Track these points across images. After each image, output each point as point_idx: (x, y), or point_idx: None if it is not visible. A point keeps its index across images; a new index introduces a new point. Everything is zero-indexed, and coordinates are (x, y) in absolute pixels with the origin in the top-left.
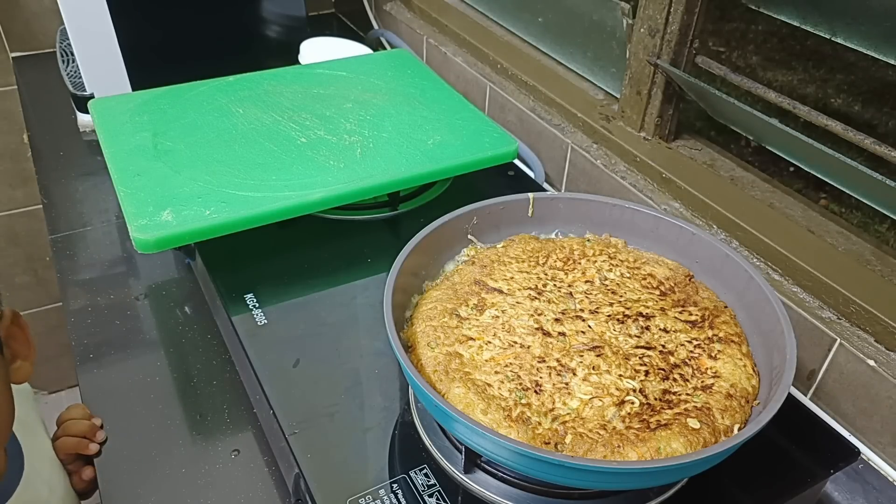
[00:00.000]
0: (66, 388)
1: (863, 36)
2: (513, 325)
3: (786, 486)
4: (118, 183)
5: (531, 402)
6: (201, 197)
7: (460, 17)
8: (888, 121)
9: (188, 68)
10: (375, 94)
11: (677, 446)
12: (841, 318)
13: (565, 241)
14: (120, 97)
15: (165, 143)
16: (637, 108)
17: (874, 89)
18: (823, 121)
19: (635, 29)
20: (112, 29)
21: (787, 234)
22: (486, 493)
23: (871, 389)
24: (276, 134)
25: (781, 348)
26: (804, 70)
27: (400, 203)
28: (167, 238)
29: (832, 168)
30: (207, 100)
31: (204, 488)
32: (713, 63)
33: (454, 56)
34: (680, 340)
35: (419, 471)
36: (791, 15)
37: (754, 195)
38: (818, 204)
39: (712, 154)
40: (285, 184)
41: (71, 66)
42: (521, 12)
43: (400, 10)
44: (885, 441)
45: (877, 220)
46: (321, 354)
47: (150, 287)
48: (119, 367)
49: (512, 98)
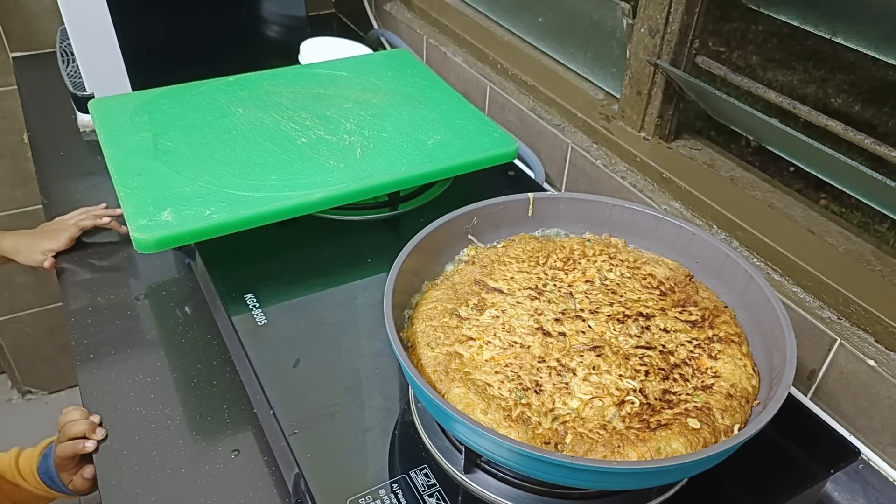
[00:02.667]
0: (66, 388)
1: (863, 36)
2: (513, 325)
3: (786, 486)
4: (118, 183)
5: (531, 402)
6: (201, 197)
7: (460, 17)
8: (888, 121)
9: (188, 68)
10: (375, 94)
11: (677, 446)
12: (841, 318)
13: (565, 241)
14: (120, 97)
15: (165, 143)
16: (637, 108)
17: (874, 89)
18: (823, 121)
19: (635, 29)
20: (112, 29)
21: (787, 234)
22: (487, 493)
23: (872, 389)
24: (277, 134)
25: (781, 348)
26: (804, 70)
27: (400, 203)
28: (167, 238)
29: (832, 168)
30: (207, 100)
31: (204, 488)
32: (713, 63)
33: (454, 56)
34: (680, 340)
35: (419, 471)
36: (791, 15)
37: (754, 195)
38: (818, 204)
39: (712, 154)
40: (285, 184)
41: (71, 66)
42: (521, 12)
43: (400, 10)
44: (885, 441)
45: (877, 220)
46: (321, 354)
47: (150, 287)
48: (119, 367)
49: (512, 98)
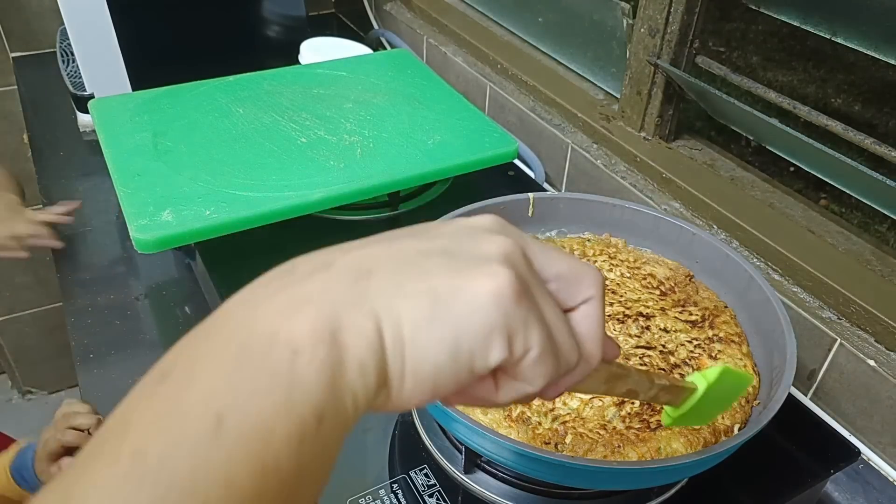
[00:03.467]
0: (66, 388)
1: (863, 36)
2: None
3: (786, 486)
4: (118, 183)
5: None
6: (201, 197)
7: (460, 17)
8: (888, 121)
9: (188, 68)
10: (375, 94)
11: (678, 446)
12: (841, 318)
13: (565, 241)
14: (120, 97)
15: (165, 143)
16: (637, 108)
17: (874, 89)
18: (824, 121)
19: (635, 29)
20: (112, 29)
21: (787, 235)
22: (487, 493)
23: (872, 389)
24: (277, 134)
25: (782, 348)
26: (804, 70)
27: (400, 203)
28: (167, 238)
29: (832, 168)
30: (208, 100)
31: None
32: (713, 63)
33: (454, 56)
34: (680, 340)
35: (419, 471)
36: (791, 15)
37: (754, 195)
38: (818, 204)
39: (712, 154)
40: (285, 184)
41: (71, 66)
42: (521, 12)
43: (400, 10)
44: (885, 441)
45: (877, 220)
46: None
47: (150, 287)
48: (119, 367)
49: (512, 98)
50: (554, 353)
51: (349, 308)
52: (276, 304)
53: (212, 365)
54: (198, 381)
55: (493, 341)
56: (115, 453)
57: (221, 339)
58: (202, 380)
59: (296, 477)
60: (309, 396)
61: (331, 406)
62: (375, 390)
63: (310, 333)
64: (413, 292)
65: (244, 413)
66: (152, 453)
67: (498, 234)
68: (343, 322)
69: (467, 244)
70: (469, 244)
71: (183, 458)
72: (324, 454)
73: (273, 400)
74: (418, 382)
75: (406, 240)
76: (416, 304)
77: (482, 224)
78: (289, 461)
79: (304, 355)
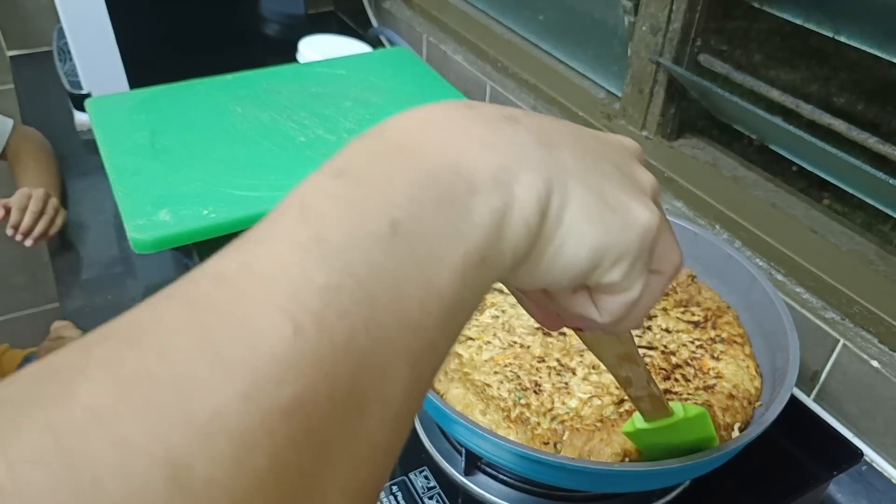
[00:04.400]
0: None
1: (866, 34)
2: (513, 325)
3: (788, 487)
4: (115, 182)
5: (530, 402)
6: (199, 196)
7: (460, 15)
8: (892, 120)
9: (186, 66)
10: (375, 92)
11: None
12: (844, 319)
13: None
14: (117, 96)
15: (163, 142)
16: (639, 107)
17: (878, 88)
18: (827, 119)
19: (637, 27)
20: (109, 27)
21: (790, 234)
22: (487, 495)
23: (875, 390)
24: (275, 133)
25: (784, 349)
26: (807, 68)
27: None
28: (165, 238)
29: (835, 167)
30: (206, 98)
31: None
32: (716, 61)
33: (454, 54)
34: (682, 341)
35: (419, 473)
36: (794, 13)
37: (757, 195)
38: (821, 203)
39: (715, 153)
40: (284, 183)
41: (68, 64)
42: (521, 10)
43: (400, 7)
44: (888, 442)
45: (880, 219)
46: None
47: (147, 288)
48: None
49: (513, 97)
50: (635, 303)
51: (530, 167)
52: (459, 140)
53: (388, 176)
54: (375, 186)
55: (619, 264)
56: (294, 234)
57: (398, 154)
58: (380, 186)
59: (449, 313)
60: (476, 234)
61: (493, 251)
62: (524, 254)
63: (489, 177)
64: (589, 184)
65: (419, 228)
66: (333, 241)
67: (646, 170)
68: (521, 178)
69: (627, 165)
70: (629, 166)
71: (361, 252)
72: (473, 299)
73: (446, 225)
74: (551, 267)
75: (583, 131)
76: (588, 196)
77: (632, 148)
78: (450, 289)
79: (480, 195)
